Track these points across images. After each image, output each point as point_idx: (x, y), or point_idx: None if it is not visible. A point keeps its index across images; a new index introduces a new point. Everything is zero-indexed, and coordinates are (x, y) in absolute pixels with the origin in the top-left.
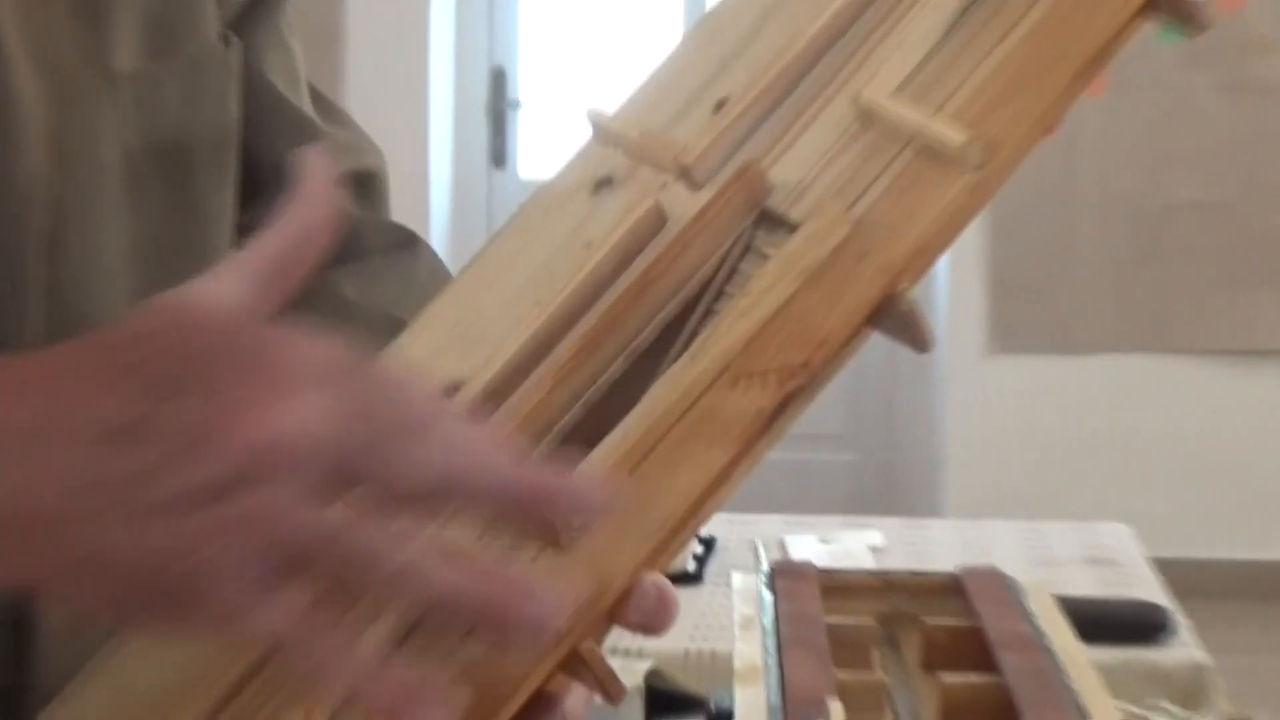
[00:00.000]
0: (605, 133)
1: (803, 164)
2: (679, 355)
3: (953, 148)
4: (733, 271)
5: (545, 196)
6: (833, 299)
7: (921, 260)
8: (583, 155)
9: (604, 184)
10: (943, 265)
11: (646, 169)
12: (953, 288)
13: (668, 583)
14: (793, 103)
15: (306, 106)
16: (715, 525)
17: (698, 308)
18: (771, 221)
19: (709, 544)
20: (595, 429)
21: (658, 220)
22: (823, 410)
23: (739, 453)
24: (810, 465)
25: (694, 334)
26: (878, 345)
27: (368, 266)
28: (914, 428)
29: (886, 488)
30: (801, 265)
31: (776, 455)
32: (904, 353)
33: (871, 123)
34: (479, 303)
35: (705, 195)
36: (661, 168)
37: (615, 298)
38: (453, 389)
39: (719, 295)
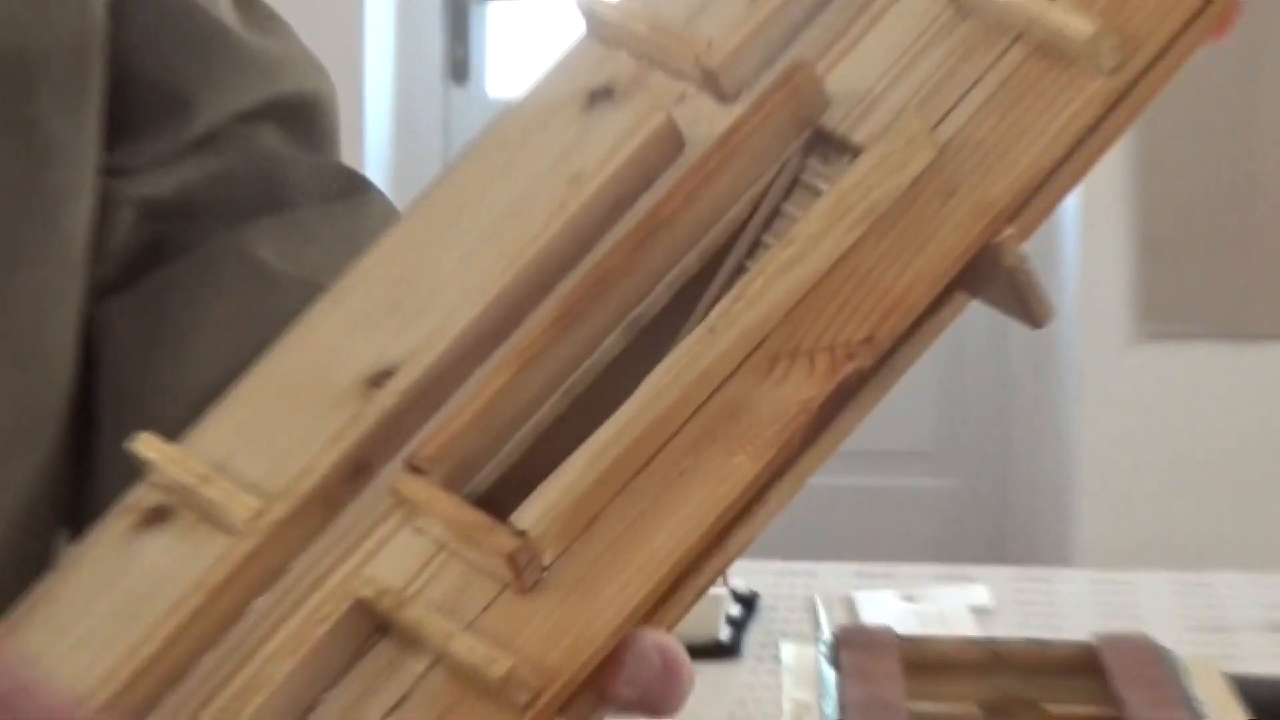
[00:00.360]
0: (603, 26)
1: (871, 68)
2: (696, 328)
3: (1079, 42)
4: (774, 213)
5: (520, 114)
6: (909, 250)
7: (1036, 201)
8: (573, 58)
9: (601, 96)
10: (1072, 224)
11: (659, 75)
12: (1086, 254)
13: (677, 646)
14: None
15: (223, 9)
16: (758, 577)
17: (725, 263)
18: (828, 145)
19: (749, 602)
20: (582, 426)
21: (672, 143)
22: (906, 419)
23: (774, 462)
24: (890, 494)
25: (717, 299)
26: (981, 327)
27: (296, 222)
28: (1032, 442)
29: (995, 525)
30: (867, 203)
31: (842, 480)
32: (1018, 340)
33: (967, 10)
34: (427, 256)
35: (738, 110)
36: (679, 73)
37: (611, 248)
38: (381, 377)
39: (754, 247)
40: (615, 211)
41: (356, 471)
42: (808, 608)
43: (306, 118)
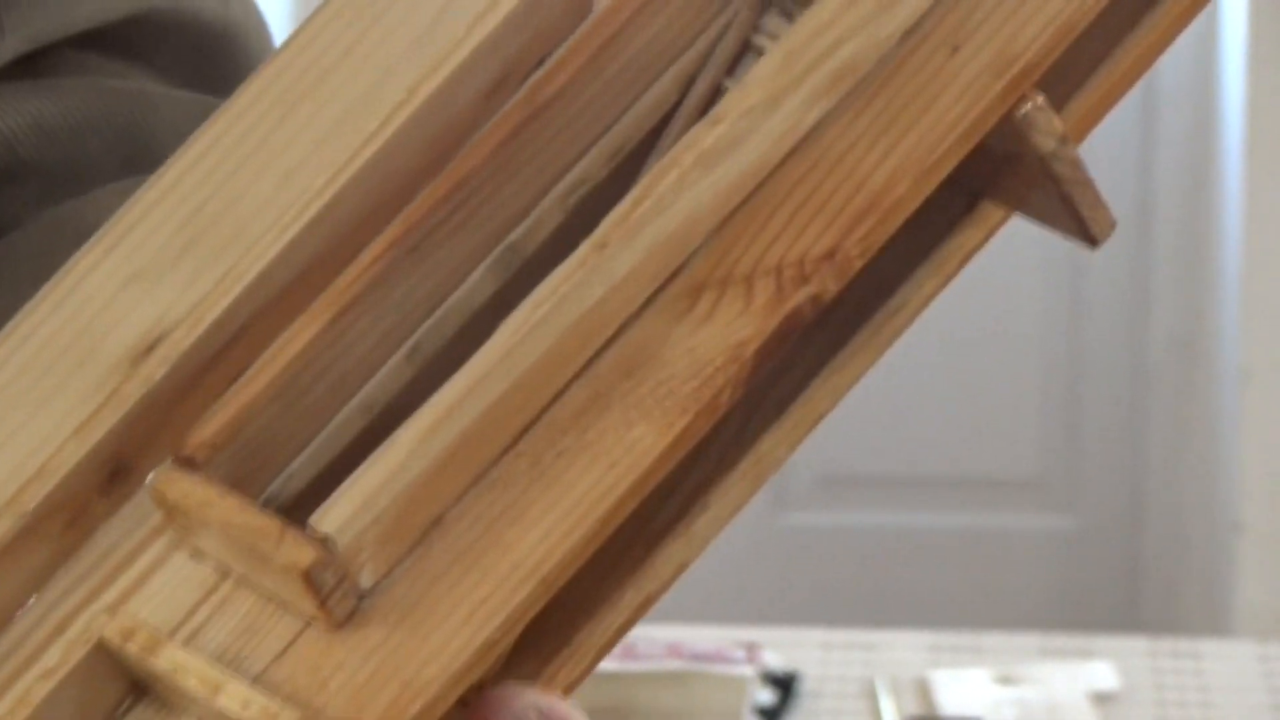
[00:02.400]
0: None
1: None
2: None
3: None
4: (714, 93)
5: None
6: (895, 128)
7: (1086, 71)
8: None
9: None
10: (1234, 191)
11: None
12: (1249, 231)
13: (574, 714)
14: None
15: None
16: (800, 651)
17: (645, 166)
18: None
19: (786, 685)
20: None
21: None
22: (1006, 437)
23: (692, 434)
24: (982, 537)
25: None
26: (1106, 320)
27: (86, 210)
28: (1175, 470)
29: (1124, 579)
30: (834, 63)
31: (915, 517)
32: (1158, 336)
33: None
34: (237, 177)
35: None
36: None
37: (473, 143)
38: (158, 344)
39: (683, 134)
40: (493, 98)
41: (113, 475)
42: (866, 693)
43: (200, 46)
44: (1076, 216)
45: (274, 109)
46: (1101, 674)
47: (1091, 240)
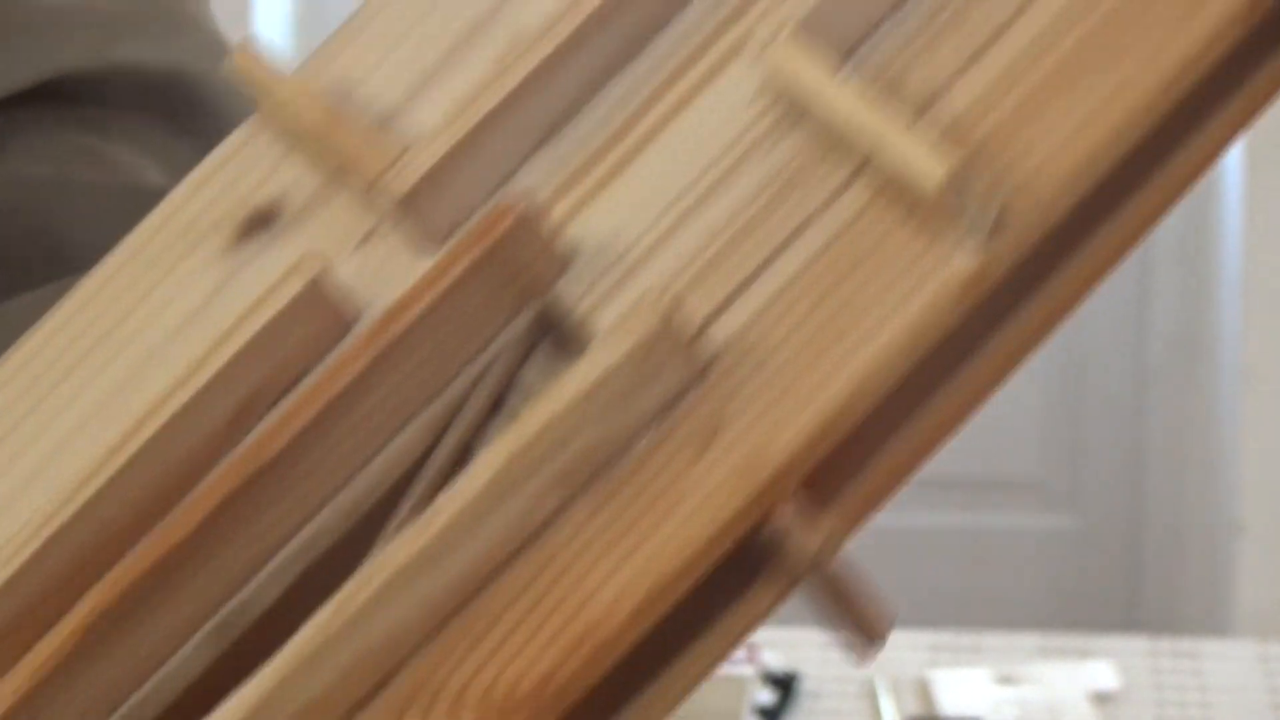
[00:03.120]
0: (273, 106)
1: (644, 205)
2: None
3: (929, 186)
4: (469, 443)
5: (144, 238)
6: (630, 534)
7: (855, 465)
8: (236, 151)
9: (258, 224)
10: (1234, 179)
11: (344, 197)
12: (1250, 222)
13: None
14: (634, 69)
15: None
16: (799, 651)
17: (383, 531)
18: (562, 334)
19: (786, 685)
20: None
21: (322, 319)
22: (1007, 437)
23: None
24: (981, 537)
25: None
26: (1107, 316)
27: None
28: (1176, 470)
29: (1125, 579)
30: (567, 455)
31: (914, 518)
32: (1159, 334)
33: (797, 119)
34: None
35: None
36: (367, 197)
37: (182, 510)
38: None
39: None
40: (236, 424)
41: None
42: (866, 693)
43: (147, 98)
44: (852, 624)
45: (20, 388)
46: (1101, 674)
47: (868, 640)
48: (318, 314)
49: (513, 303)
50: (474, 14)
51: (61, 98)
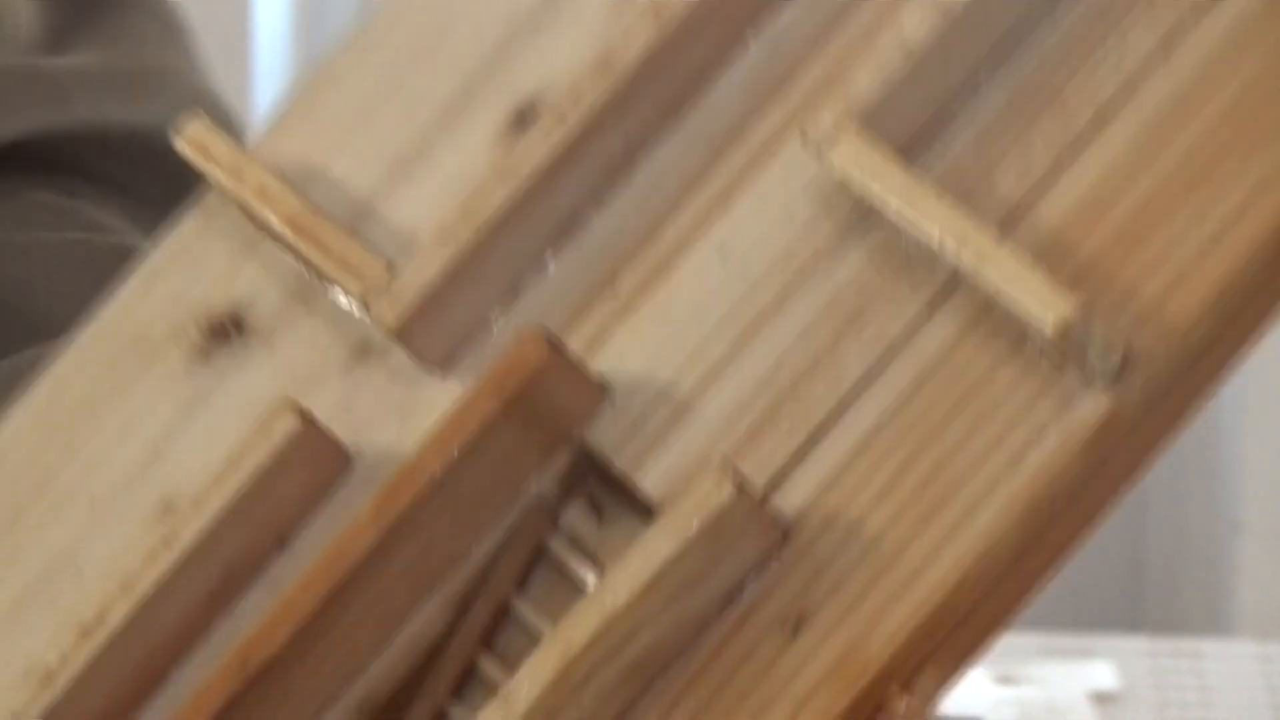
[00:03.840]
0: (229, 192)
1: (676, 331)
2: None
3: (1048, 322)
4: (495, 621)
5: (90, 348)
6: None
7: (966, 639)
8: (182, 242)
9: (220, 333)
10: None
11: (325, 305)
12: None
13: None
14: (660, 154)
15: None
16: None
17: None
18: (601, 482)
19: None
20: None
21: (310, 465)
22: None
23: None
24: None
25: None
26: None
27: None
28: (1177, 468)
29: (1125, 579)
30: (623, 658)
31: None
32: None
33: (867, 228)
34: None
35: (453, 391)
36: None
37: (202, 696)
38: None
39: (460, 689)
40: (218, 595)
41: None
42: None
43: (116, 159)
44: None
45: None
46: (1102, 674)
47: None
48: (310, 459)
49: (545, 443)
50: (461, 75)
51: (26, 159)
